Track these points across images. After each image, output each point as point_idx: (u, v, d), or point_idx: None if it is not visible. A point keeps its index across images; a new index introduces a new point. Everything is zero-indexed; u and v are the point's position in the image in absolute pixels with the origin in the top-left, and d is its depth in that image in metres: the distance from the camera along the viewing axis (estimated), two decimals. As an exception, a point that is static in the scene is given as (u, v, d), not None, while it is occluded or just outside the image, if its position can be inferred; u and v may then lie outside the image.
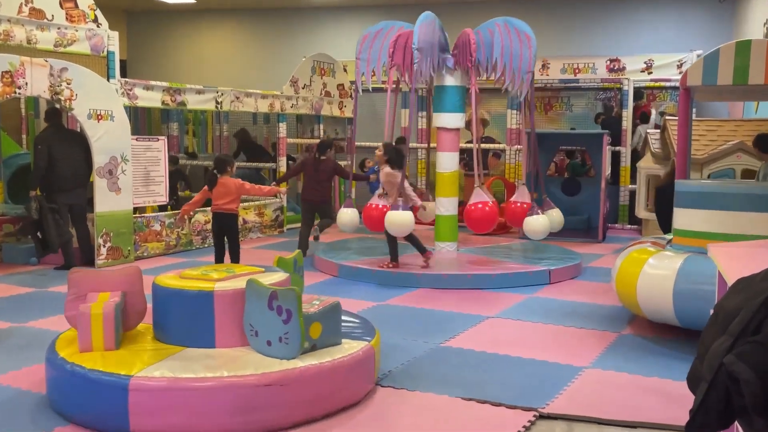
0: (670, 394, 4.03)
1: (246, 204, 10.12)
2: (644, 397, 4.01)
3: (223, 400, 3.35)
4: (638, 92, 11.06)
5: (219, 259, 6.89)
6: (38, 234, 7.30)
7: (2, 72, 6.60)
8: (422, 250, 7.14)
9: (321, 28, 13.54)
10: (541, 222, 7.60)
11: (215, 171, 6.62)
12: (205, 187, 6.66)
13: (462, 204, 8.36)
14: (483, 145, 9.90)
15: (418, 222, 7.41)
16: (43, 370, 4.18)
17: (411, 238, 7.10)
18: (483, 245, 8.59)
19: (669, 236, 5.80)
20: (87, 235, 7.74)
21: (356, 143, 9.73)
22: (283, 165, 10.60)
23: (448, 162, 7.88)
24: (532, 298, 6.47)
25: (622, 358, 4.70)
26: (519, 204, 8.04)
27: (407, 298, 6.43)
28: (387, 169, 7.16)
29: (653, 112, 11.02)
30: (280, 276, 4.06)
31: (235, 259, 6.90)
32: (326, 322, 3.78)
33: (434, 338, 5.12)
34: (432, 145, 11.23)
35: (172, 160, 9.62)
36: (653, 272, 4.94)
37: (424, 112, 12.01)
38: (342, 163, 11.67)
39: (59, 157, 7.39)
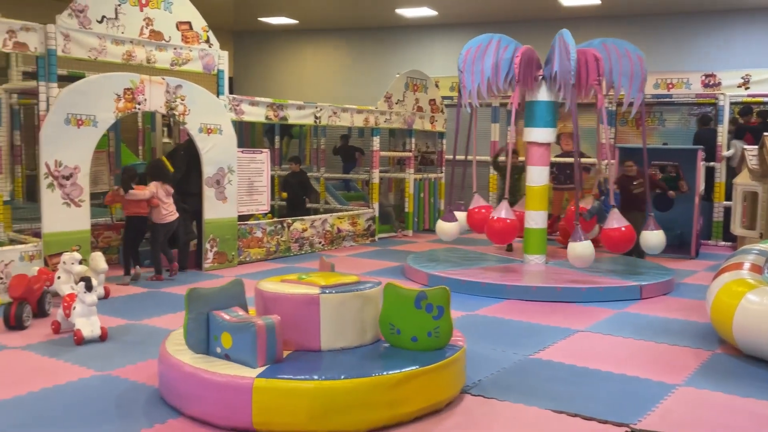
0: (766, 416, 3.81)
1: (340, 213, 10.29)
2: (739, 418, 3.79)
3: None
4: (747, 108, 10.56)
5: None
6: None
7: (124, 89, 6.97)
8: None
9: (414, 45, 13.63)
10: (658, 237, 7.39)
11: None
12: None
13: (551, 217, 8.21)
14: (567, 159, 9.67)
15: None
16: (156, 365, 4.38)
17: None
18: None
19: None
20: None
21: (450, 157, 9.68)
22: (376, 176, 10.70)
23: (538, 176, 7.75)
24: (622, 313, 6.25)
25: (717, 377, 4.48)
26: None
27: (496, 308, 6.35)
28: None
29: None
30: (373, 283, 4.16)
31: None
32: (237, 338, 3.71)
33: (523, 350, 5.02)
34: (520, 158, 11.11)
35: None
36: (752, 308, 4.72)
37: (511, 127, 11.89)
38: (431, 176, 11.72)
39: (195, 164, 7.75)
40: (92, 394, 4.02)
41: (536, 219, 7.76)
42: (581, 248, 6.79)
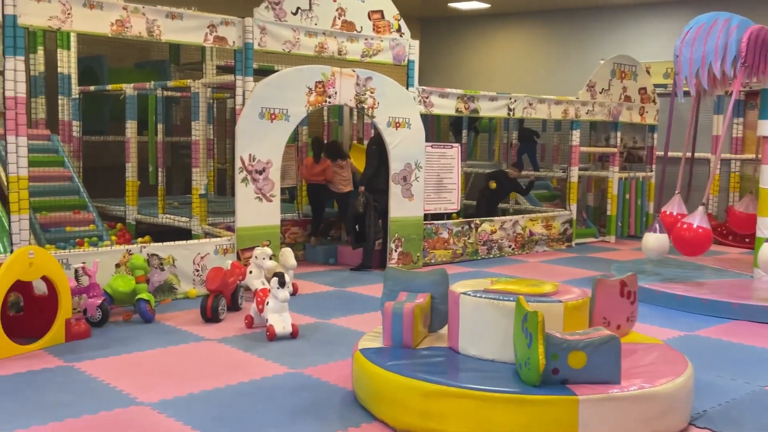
0: None
1: (532, 215, 10.16)
2: None
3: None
4: None
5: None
6: (356, 227, 8.02)
7: (316, 82, 7.38)
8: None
9: (621, 28, 13.09)
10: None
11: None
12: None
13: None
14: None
15: None
16: (348, 366, 4.60)
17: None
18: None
19: None
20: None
21: (661, 154, 9.20)
22: (574, 175, 10.43)
23: (774, 177, 7.14)
24: None
25: None
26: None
27: (721, 330, 5.94)
28: None
29: None
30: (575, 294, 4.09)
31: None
32: (596, 355, 3.52)
33: (757, 379, 4.66)
34: (747, 156, 10.30)
35: None
36: None
37: (741, 119, 11.06)
38: (639, 175, 11.20)
39: (384, 160, 8.08)
40: (286, 391, 4.30)
41: (770, 227, 7.16)
42: (653, 240, 7.25)
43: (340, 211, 9.07)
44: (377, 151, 8.17)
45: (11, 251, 5.49)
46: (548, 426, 3.43)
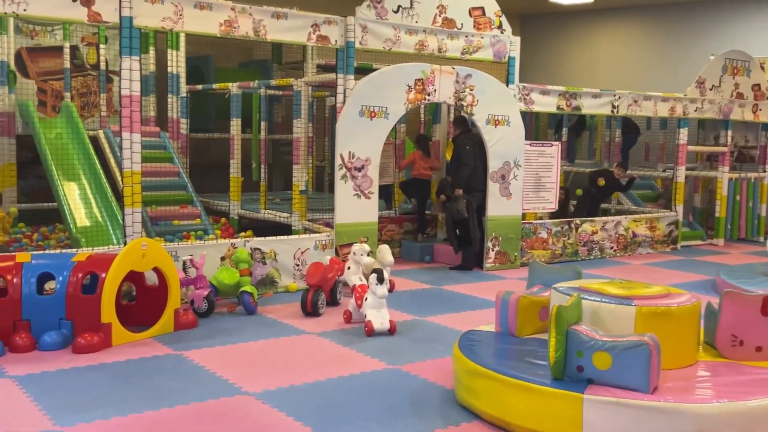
0: None
1: (636, 216, 9.86)
2: None
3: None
4: None
5: None
6: (457, 231, 7.99)
7: (415, 80, 7.40)
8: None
9: (730, 21, 12.51)
10: None
11: None
12: None
13: None
14: None
15: None
16: (447, 363, 4.60)
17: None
18: None
19: None
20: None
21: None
22: (681, 175, 10.06)
23: None
24: None
25: None
26: None
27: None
28: None
29: None
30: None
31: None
32: (621, 358, 3.40)
33: None
34: None
35: None
36: None
37: None
38: (751, 175, 10.68)
39: (482, 159, 8.05)
40: (385, 386, 4.34)
41: None
42: None
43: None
44: (472, 150, 8.07)
45: (124, 243, 5.76)
46: (555, 420, 3.49)
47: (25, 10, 5.34)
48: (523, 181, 8.31)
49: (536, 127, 12.33)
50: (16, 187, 8.40)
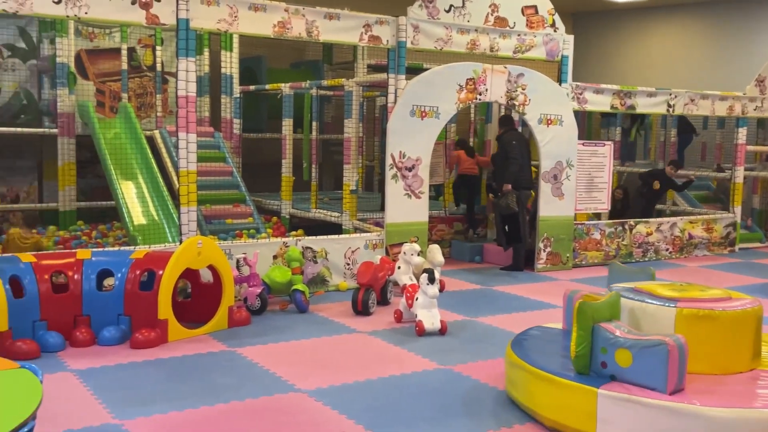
0: None
1: (692, 217, 9.65)
2: None
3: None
4: None
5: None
6: (506, 227, 7.93)
7: (467, 79, 7.37)
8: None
9: (793, 17, 12.14)
10: None
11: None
12: None
13: None
14: None
15: None
16: (498, 364, 4.59)
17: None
18: None
19: None
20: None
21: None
22: (740, 175, 9.81)
23: None
24: None
25: None
26: None
27: None
28: None
29: None
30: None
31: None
32: (641, 357, 3.42)
33: None
34: None
35: None
36: None
37: None
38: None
39: (526, 157, 8.00)
40: (436, 386, 4.34)
41: None
42: None
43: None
44: (518, 147, 7.99)
45: (180, 241, 5.87)
46: (574, 413, 3.57)
47: (86, 13, 5.49)
48: (576, 181, 8.21)
49: (588, 126, 12.16)
50: (76, 186, 8.63)
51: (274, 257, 6.40)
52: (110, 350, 4.87)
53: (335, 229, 7.81)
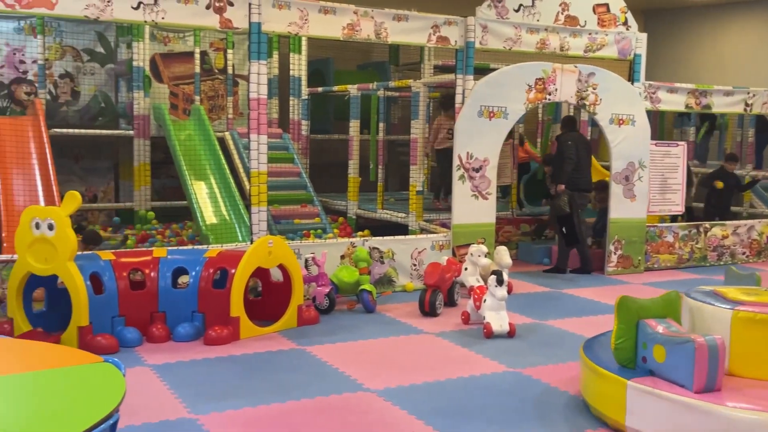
0: None
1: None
2: None
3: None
4: None
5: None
6: (563, 229, 7.82)
7: (536, 79, 7.29)
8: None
9: None
10: None
11: None
12: None
13: None
14: None
15: None
16: (569, 368, 4.53)
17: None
18: None
19: None
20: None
21: None
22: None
23: None
24: None
25: None
26: None
27: None
28: None
29: None
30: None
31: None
32: (672, 353, 3.48)
33: None
34: None
35: None
36: None
37: None
38: None
39: (581, 158, 7.86)
40: (507, 389, 4.31)
41: None
42: None
43: None
44: (574, 147, 7.79)
45: (251, 240, 5.99)
46: (604, 399, 3.72)
47: (163, 18, 5.65)
48: (649, 183, 8.03)
49: (660, 126, 11.86)
50: (150, 186, 8.89)
51: (342, 257, 6.46)
52: (184, 346, 5.00)
53: (401, 229, 7.83)
